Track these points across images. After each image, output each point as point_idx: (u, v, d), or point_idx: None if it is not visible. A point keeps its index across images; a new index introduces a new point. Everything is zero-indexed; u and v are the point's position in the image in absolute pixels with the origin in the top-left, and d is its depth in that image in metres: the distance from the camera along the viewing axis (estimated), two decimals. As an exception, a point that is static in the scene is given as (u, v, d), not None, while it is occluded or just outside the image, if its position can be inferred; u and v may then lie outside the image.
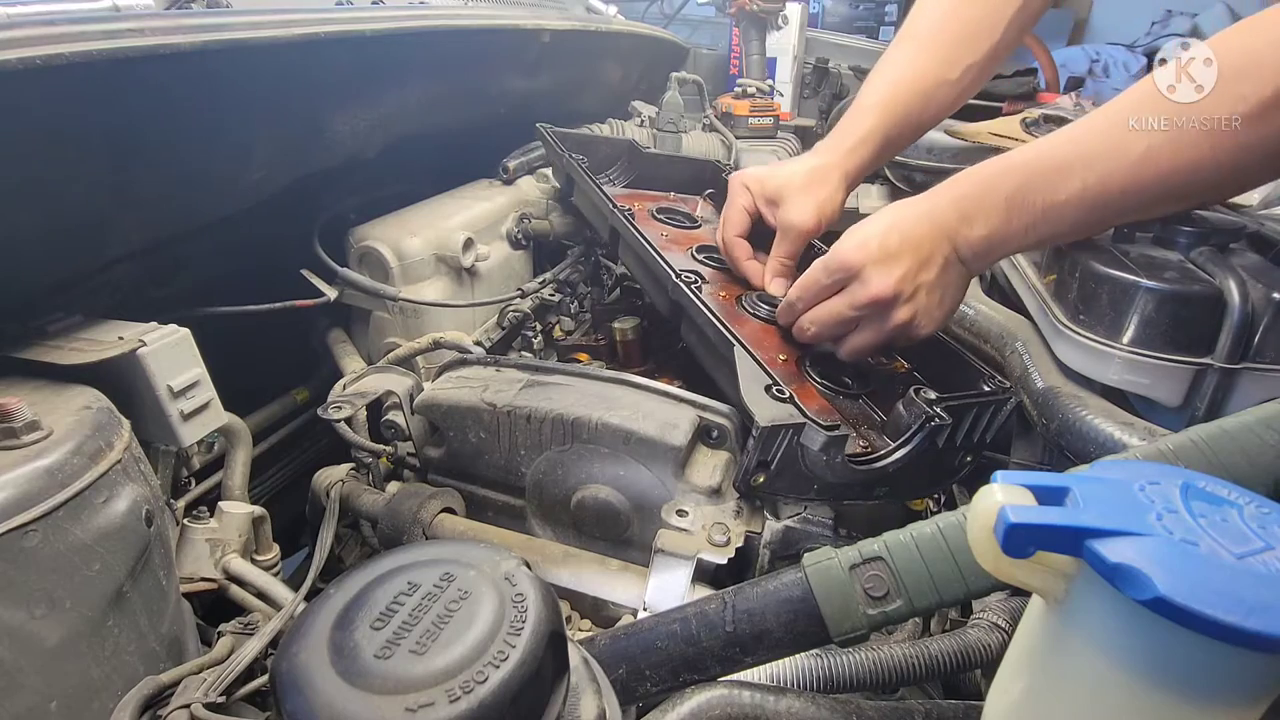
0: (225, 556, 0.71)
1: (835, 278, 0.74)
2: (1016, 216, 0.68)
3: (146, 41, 0.59)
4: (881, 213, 0.75)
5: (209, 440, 0.81)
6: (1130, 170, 0.62)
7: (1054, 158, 0.66)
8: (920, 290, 0.72)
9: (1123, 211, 0.66)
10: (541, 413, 0.70)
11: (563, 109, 1.51)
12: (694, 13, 2.60)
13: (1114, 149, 0.62)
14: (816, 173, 0.89)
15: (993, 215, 0.69)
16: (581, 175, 1.08)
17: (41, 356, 0.60)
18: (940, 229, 0.71)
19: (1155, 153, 0.60)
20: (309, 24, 0.75)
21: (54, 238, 0.64)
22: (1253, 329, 0.63)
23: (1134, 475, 0.35)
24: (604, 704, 0.39)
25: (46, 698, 0.45)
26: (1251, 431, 0.45)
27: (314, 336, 1.09)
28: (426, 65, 1.00)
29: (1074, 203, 0.64)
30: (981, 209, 0.69)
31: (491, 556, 0.38)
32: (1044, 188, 0.66)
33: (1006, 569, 0.34)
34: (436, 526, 0.72)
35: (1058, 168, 0.65)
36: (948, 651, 0.55)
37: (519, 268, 1.19)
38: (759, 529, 0.67)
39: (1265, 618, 0.27)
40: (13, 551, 0.44)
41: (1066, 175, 0.64)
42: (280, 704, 0.31)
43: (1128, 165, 0.62)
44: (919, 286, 0.72)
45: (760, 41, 2.06)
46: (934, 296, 0.73)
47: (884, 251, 0.71)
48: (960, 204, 0.71)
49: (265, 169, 0.83)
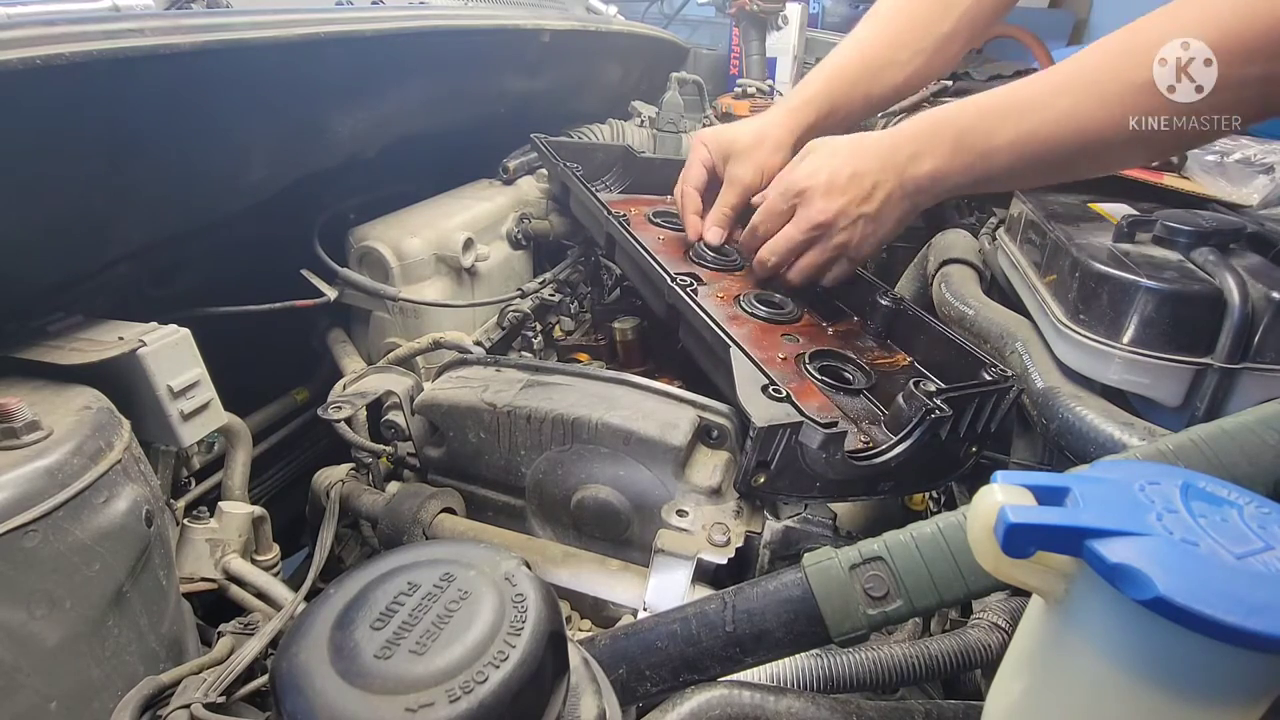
0: (225, 556, 0.71)
1: (789, 201, 0.85)
2: (959, 155, 0.76)
3: (146, 41, 0.59)
4: (842, 143, 0.84)
5: (209, 440, 0.81)
6: (1054, 124, 0.69)
7: (997, 106, 0.73)
8: (860, 220, 0.82)
9: (1054, 163, 0.72)
10: (541, 413, 0.70)
11: (563, 109, 1.51)
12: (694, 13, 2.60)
13: (1044, 103, 0.69)
14: (760, 132, 0.98)
15: (939, 152, 0.77)
16: (576, 183, 1.08)
17: (41, 356, 0.60)
18: (889, 165, 0.80)
19: (1077, 109, 0.67)
20: (309, 24, 0.75)
21: (54, 238, 0.64)
22: (1253, 329, 0.63)
23: (1134, 475, 0.35)
24: (604, 704, 0.39)
25: (46, 698, 0.45)
26: (1251, 431, 0.45)
27: (314, 336, 1.09)
28: (426, 65, 1.00)
29: (1006, 149, 0.72)
30: (930, 146, 0.78)
31: (491, 556, 0.38)
32: (985, 131, 0.74)
33: (1006, 569, 0.34)
34: (436, 526, 0.72)
35: (998, 114, 0.73)
36: (948, 651, 0.55)
37: (519, 268, 1.19)
38: (759, 529, 0.67)
39: (1265, 618, 0.27)
40: (13, 551, 0.44)
41: (1005, 121, 0.72)
42: (280, 704, 0.31)
43: (1053, 119, 0.69)
44: (859, 216, 0.82)
45: (760, 41, 2.06)
46: (870, 226, 0.83)
47: (831, 183, 0.81)
48: (913, 141, 0.79)
49: (265, 169, 0.83)
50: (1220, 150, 1.04)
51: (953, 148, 0.76)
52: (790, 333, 0.86)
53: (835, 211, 0.81)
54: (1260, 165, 1.00)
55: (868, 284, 0.94)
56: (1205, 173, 1.01)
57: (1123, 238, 0.77)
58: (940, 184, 0.79)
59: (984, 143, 0.74)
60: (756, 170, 0.96)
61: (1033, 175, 0.77)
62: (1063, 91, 0.69)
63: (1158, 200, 0.94)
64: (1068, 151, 0.70)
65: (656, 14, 2.58)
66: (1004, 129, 0.72)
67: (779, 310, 0.89)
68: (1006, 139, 0.72)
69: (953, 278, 0.95)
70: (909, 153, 0.79)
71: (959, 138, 0.76)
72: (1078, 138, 0.68)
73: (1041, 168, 0.74)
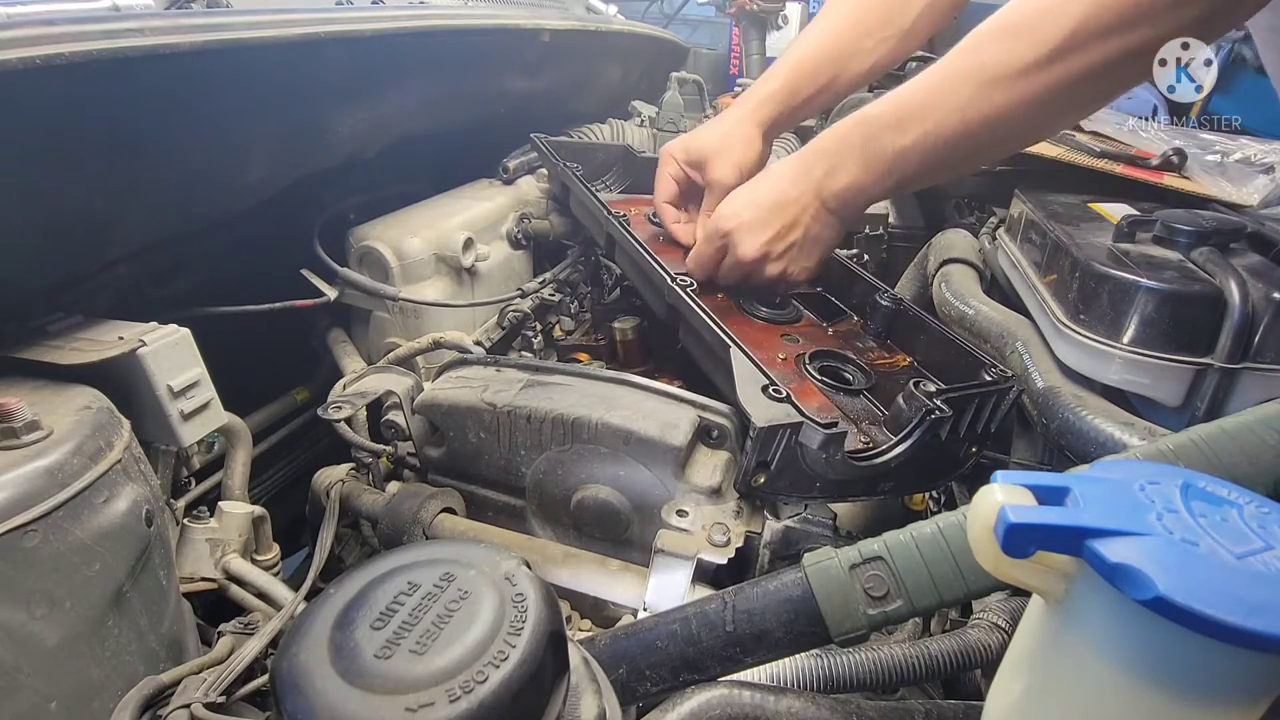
0: (225, 556, 0.71)
1: (716, 244, 0.85)
2: (872, 164, 0.76)
3: (146, 41, 0.59)
4: (760, 177, 0.87)
5: (209, 440, 0.81)
6: (957, 118, 0.69)
7: (897, 109, 0.73)
8: (791, 249, 0.83)
9: (963, 155, 0.73)
10: (542, 413, 0.70)
11: (563, 109, 1.51)
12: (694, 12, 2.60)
13: (943, 98, 0.70)
14: (728, 132, 0.98)
15: (852, 164, 0.77)
16: (576, 183, 1.08)
17: (41, 356, 0.60)
18: (807, 187, 0.80)
19: (973, 101, 0.68)
20: (309, 24, 0.75)
21: (54, 238, 0.64)
22: (1253, 329, 0.63)
23: (1134, 475, 0.35)
24: (604, 704, 0.39)
25: (46, 698, 0.45)
26: (1251, 431, 0.45)
27: (314, 336, 1.09)
28: (426, 65, 1.00)
29: (917, 148, 0.72)
30: (842, 160, 0.78)
31: (491, 556, 0.38)
32: (891, 136, 0.74)
33: (1006, 569, 0.34)
34: (436, 526, 0.72)
35: (901, 118, 0.73)
36: (948, 651, 0.55)
37: (519, 268, 1.19)
38: (759, 529, 0.67)
39: (1265, 618, 0.27)
40: (13, 551, 0.44)
41: (908, 124, 0.72)
42: (280, 704, 0.31)
43: (954, 113, 0.69)
44: (789, 246, 0.82)
45: (760, 41, 2.06)
46: (803, 251, 0.84)
47: (753, 219, 0.82)
48: (825, 158, 0.79)
49: (265, 169, 0.83)
50: (1221, 150, 1.05)
51: (863, 157, 0.76)
52: (790, 333, 0.86)
53: (761, 249, 0.82)
54: (1260, 165, 1.00)
55: (868, 284, 0.94)
56: (1205, 173, 1.01)
57: (1123, 238, 0.77)
58: (861, 195, 0.79)
59: (892, 148, 0.74)
60: (734, 169, 0.95)
61: (949, 169, 0.79)
62: (955, 83, 0.69)
63: (1158, 200, 0.94)
64: (976, 142, 0.70)
65: (656, 14, 2.59)
66: (908, 131, 0.72)
67: (779, 310, 0.89)
68: (912, 141, 0.72)
69: (953, 278, 0.95)
70: (823, 169, 0.79)
71: (866, 147, 0.76)
72: (981, 127, 0.68)
73: (955, 161, 0.75)
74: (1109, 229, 0.79)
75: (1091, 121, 1.17)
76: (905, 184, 0.78)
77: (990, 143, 0.71)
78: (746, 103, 1.00)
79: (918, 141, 0.72)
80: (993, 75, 0.66)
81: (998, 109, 0.67)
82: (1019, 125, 0.69)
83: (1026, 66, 0.64)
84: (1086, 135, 1.10)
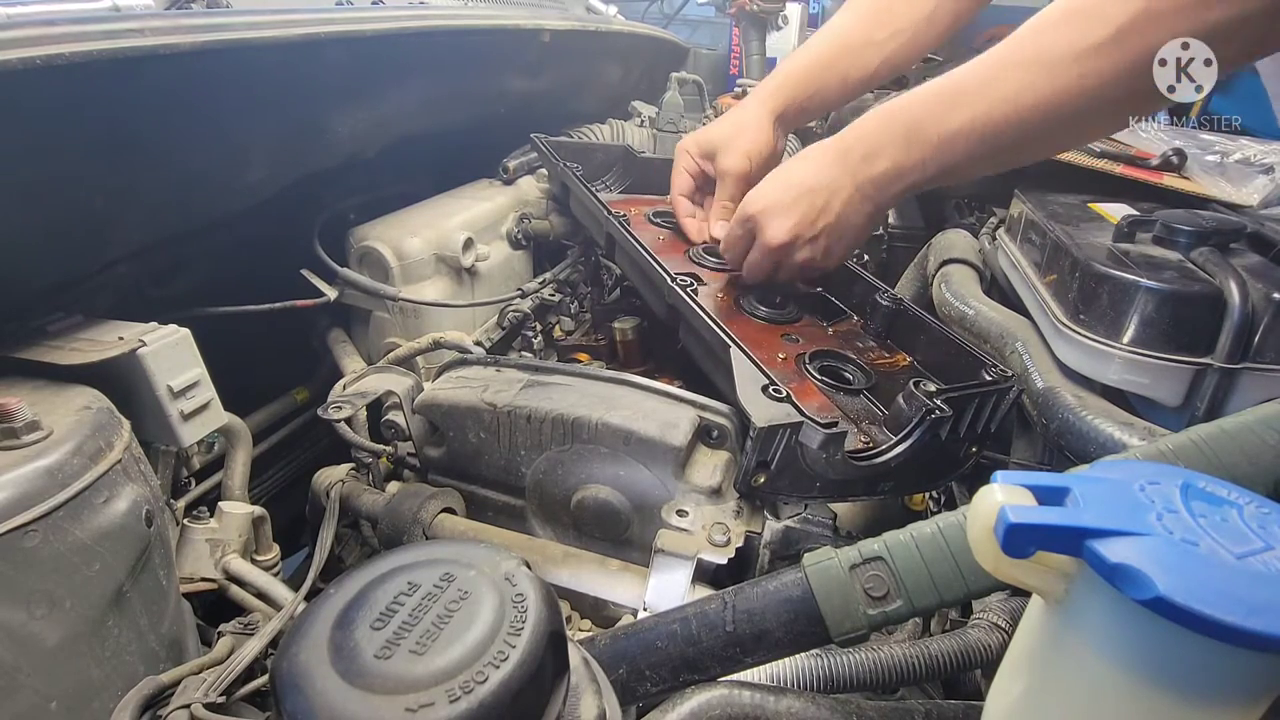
0: (225, 556, 0.71)
1: (746, 227, 0.84)
2: (914, 148, 0.73)
3: (146, 42, 0.59)
4: (793, 160, 0.83)
5: (209, 440, 0.81)
6: (1011, 101, 0.66)
7: (944, 93, 0.71)
8: (821, 234, 0.80)
9: (1013, 143, 0.69)
10: (542, 413, 0.70)
11: (563, 109, 1.51)
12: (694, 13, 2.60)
13: (997, 82, 0.67)
14: (738, 121, 0.98)
15: (892, 149, 0.74)
16: (576, 183, 1.08)
17: (41, 356, 0.60)
18: (842, 170, 0.77)
19: (1031, 84, 0.65)
20: (309, 24, 0.75)
21: (54, 238, 0.64)
22: (1253, 329, 0.63)
23: (1134, 475, 0.35)
24: (604, 704, 0.39)
25: (46, 698, 0.45)
26: (1251, 431, 0.45)
27: (314, 336, 1.09)
28: (426, 65, 1.00)
29: (964, 133, 0.69)
30: (882, 144, 0.75)
31: (491, 556, 0.38)
32: (937, 120, 0.70)
33: (1006, 569, 0.34)
34: (436, 526, 0.72)
35: (948, 101, 0.70)
36: (948, 652, 0.55)
37: (519, 268, 1.19)
38: (759, 529, 0.67)
39: (1265, 618, 0.27)
40: (13, 551, 0.44)
41: (956, 108, 0.69)
42: (280, 704, 0.31)
43: (1009, 96, 0.66)
44: (820, 231, 0.79)
45: (760, 41, 2.06)
46: (834, 237, 0.81)
47: (780, 202, 0.79)
48: (864, 142, 0.76)
49: (265, 169, 0.83)
50: (1220, 150, 1.05)
51: (905, 142, 0.73)
52: (790, 333, 0.86)
53: (790, 232, 0.79)
54: (1260, 165, 1.00)
55: (868, 284, 0.94)
56: (1205, 173, 1.01)
57: (1123, 238, 0.77)
58: (900, 181, 0.76)
59: (937, 133, 0.71)
60: (743, 156, 0.95)
61: (994, 160, 0.74)
62: (1010, 67, 0.67)
63: (1158, 200, 0.94)
64: (1026, 129, 0.67)
65: (656, 14, 2.59)
66: (956, 115, 0.69)
67: (779, 310, 0.89)
68: (960, 125, 0.69)
69: (953, 278, 0.95)
70: (861, 153, 0.76)
71: (911, 131, 0.73)
72: (1034, 112, 0.66)
73: (1002, 150, 0.71)
74: (1109, 229, 0.79)
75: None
76: (947, 173, 0.74)
77: (1043, 133, 0.68)
78: (758, 93, 1.00)
79: (965, 126, 0.69)
80: (1057, 56, 0.63)
81: (1058, 92, 0.64)
82: (1076, 113, 0.65)
83: (1095, 45, 0.61)
84: (1086, 135, 1.10)
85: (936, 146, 0.71)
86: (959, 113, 0.69)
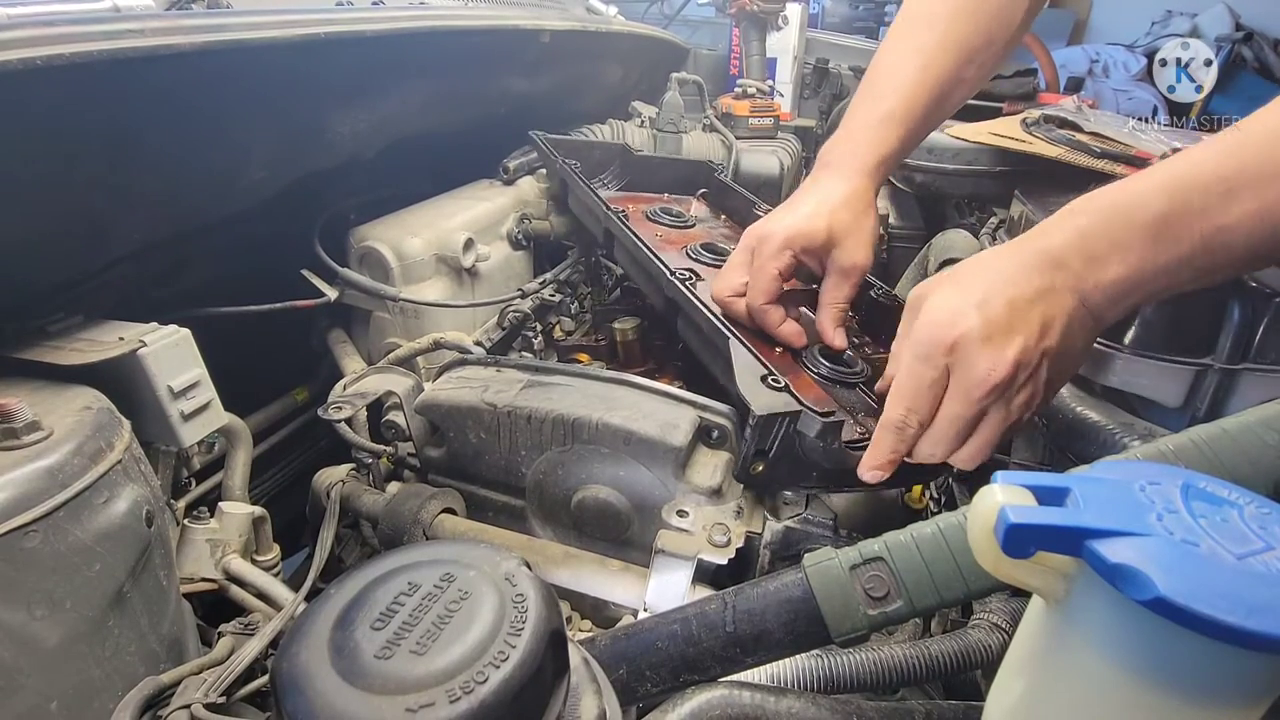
0: (225, 557, 0.71)
1: (938, 364, 0.58)
2: (1167, 247, 0.53)
3: (147, 42, 0.59)
4: (966, 268, 0.60)
5: (209, 440, 0.81)
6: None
7: (1214, 174, 0.52)
8: (1044, 361, 0.57)
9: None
10: (542, 413, 0.70)
11: (563, 109, 1.51)
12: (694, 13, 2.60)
13: None
14: (858, 203, 0.76)
15: (1132, 250, 0.54)
16: (575, 180, 1.09)
17: (42, 357, 0.60)
18: (1059, 279, 0.56)
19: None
20: (309, 24, 0.75)
21: (54, 238, 0.64)
22: (1253, 330, 0.63)
23: (1134, 475, 0.35)
24: (604, 704, 0.39)
25: (47, 698, 0.45)
26: (1252, 432, 0.45)
27: (314, 336, 1.09)
28: (426, 65, 1.00)
29: (1248, 225, 0.51)
30: (1116, 244, 0.55)
31: (492, 556, 0.38)
32: (1206, 208, 0.52)
33: (1007, 569, 0.34)
34: (437, 527, 0.72)
35: (1223, 185, 0.52)
36: (948, 652, 0.55)
37: (519, 268, 1.19)
38: (759, 529, 0.67)
39: (1265, 618, 0.27)
40: (13, 552, 0.44)
41: (1235, 192, 0.51)
42: (280, 704, 0.31)
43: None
44: (1043, 356, 0.57)
45: (760, 42, 2.06)
46: (1058, 365, 0.58)
47: (990, 324, 0.56)
48: (1084, 241, 0.56)
49: (265, 169, 0.83)
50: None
51: (1153, 240, 0.54)
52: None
53: (1011, 360, 0.55)
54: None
55: (865, 281, 0.94)
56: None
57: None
58: (1137, 291, 0.56)
59: (1209, 223, 0.52)
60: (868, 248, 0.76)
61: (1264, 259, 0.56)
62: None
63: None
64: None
65: (656, 14, 2.58)
66: (1236, 203, 0.51)
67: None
68: (1247, 211, 0.51)
69: (953, 278, 0.95)
70: (1082, 256, 0.56)
71: (1162, 226, 0.53)
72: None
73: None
74: (1109, 229, 0.79)
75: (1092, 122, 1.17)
76: (1211, 275, 0.55)
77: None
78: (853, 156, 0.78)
79: (1254, 213, 0.51)
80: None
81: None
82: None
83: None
84: (1087, 135, 1.10)
85: (1203, 242, 0.52)
86: (1240, 201, 0.51)
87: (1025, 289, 0.56)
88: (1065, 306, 0.56)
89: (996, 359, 0.55)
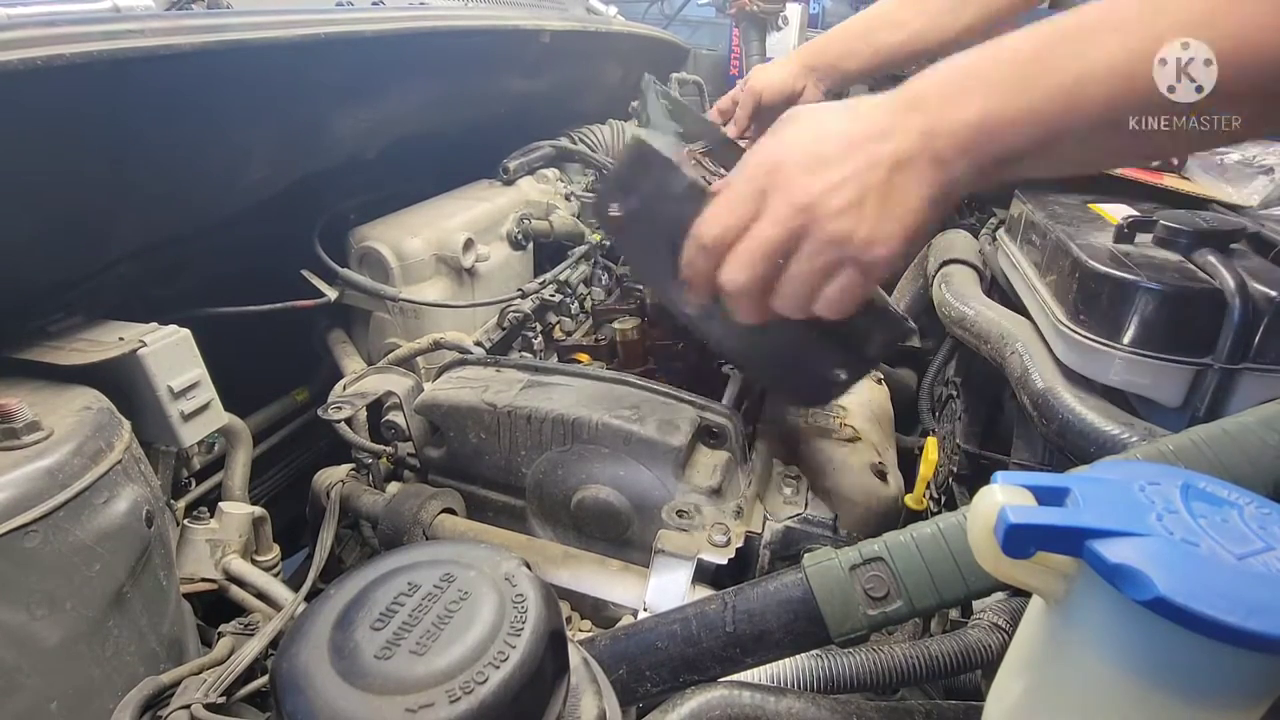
0: (225, 557, 0.71)
1: (759, 184, 0.54)
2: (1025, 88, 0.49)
3: (147, 42, 0.59)
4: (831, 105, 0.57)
5: (209, 441, 0.81)
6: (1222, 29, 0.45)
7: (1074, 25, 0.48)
8: (865, 197, 0.52)
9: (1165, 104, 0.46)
10: (542, 413, 0.70)
11: (563, 110, 1.51)
12: (694, 13, 2.60)
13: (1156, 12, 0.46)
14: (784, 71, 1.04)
15: (996, 86, 0.50)
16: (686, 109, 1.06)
17: (42, 357, 0.60)
18: (908, 117, 0.52)
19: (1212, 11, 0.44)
20: (309, 24, 0.75)
21: (54, 238, 0.64)
22: (1253, 329, 0.63)
23: (1134, 475, 0.35)
24: (604, 704, 0.39)
25: (47, 698, 0.45)
26: (1252, 432, 0.45)
27: (314, 337, 1.09)
28: (426, 65, 1.00)
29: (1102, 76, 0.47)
30: (979, 80, 0.50)
31: (491, 557, 0.38)
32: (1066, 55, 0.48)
33: (1007, 569, 0.34)
34: (436, 527, 0.72)
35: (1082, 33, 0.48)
36: (948, 652, 0.55)
37: (519, 268, 1.19)
38: (759, 529, 0.67)
39: (1265, 618, 0.27)
40: (13, 552, 0.44)
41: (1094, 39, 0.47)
42: (280, 704, 0.31)
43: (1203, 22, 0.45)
44: (865, 190, 0.52)
45: (760, 42, 2.07)
46: (881, 207, 0.52)
47: (817, 154, 0.53)
48: (948, 78, 0.52)
49: (266, 169, 0.83)
50: (1220, 151, 1.04)
51: (1020, 78, 0.49)
52: None
53: (825, 187, 0.52)
54: (1260, 166, 0.99)
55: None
56: (1205, 173, 1.01)
57: (1123, 238, 0.77)
58: (992, 139, 0.50)
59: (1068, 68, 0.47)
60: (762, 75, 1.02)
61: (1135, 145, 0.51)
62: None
63: (1158, 201, 0.94)
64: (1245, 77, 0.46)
65: (657, 14, 2.59)
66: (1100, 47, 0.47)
67: None
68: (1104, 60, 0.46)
69: (953, 278, 0.95)
70: (939, 95, 0.51)
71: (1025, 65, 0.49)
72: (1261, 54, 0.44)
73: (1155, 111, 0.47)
74: (1109, 229, 0.79)
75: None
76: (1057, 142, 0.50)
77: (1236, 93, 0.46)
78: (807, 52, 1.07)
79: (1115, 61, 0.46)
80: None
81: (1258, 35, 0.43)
82: None
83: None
84: (1086, 136, 1.10)
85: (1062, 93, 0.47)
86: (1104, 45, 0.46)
87: (867, 127, 0.53)
88: (904, 146, 0.52)
89: (810, 182, 0.52)
